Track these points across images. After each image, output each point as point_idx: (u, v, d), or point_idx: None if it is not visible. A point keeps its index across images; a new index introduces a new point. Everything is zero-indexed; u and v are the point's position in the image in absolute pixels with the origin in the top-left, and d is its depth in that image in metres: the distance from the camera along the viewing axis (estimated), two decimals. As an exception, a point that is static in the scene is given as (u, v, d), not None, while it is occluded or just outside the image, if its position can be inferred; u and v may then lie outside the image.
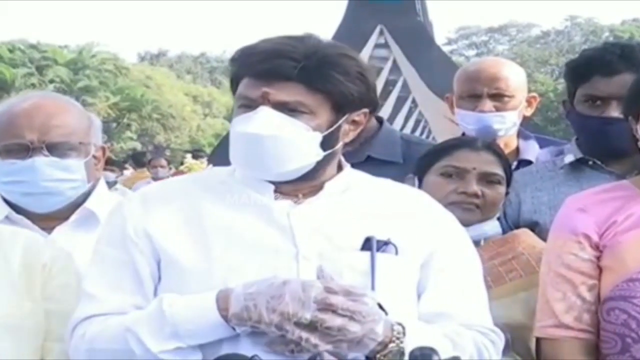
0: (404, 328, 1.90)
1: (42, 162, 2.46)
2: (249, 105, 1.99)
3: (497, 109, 3.27)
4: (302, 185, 2.05)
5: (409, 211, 2.09)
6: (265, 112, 1.96)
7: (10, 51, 41.90)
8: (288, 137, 1.97)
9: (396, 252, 1.99)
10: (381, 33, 16.87)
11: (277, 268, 1.93)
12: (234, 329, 1.86)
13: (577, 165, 3.00)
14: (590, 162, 2.97)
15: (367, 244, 1.98)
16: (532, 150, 3.39)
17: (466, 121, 3.30)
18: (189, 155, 12.87)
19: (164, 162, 12.45)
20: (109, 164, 14.09)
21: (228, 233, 1.98)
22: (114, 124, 43.59)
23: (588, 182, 2.89)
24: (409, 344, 1.87)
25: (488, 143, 2.78)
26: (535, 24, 65.03)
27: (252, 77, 1.99)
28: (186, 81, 56.70)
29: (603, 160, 2.95)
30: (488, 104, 3.26)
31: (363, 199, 2.07)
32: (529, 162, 3.30)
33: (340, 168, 2.12)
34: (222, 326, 1.87)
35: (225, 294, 1.88)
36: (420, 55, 17.40)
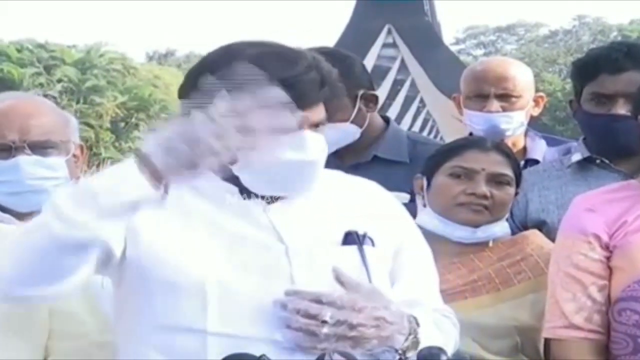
0: (416, 320, 1.92)
1: (26, 161, 2.46)
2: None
3: (504, 109, 3.26)
4: None
5: (371, 202, 2.10)
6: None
7: (19, 51, 42.02)
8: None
9: (373, 244, 2.00)
10: (389, 33, 16.91)
11: (270, 266, 1.91)
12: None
13: (584, 164, 3.00)
14: (598, 161, 2.97)
15: (348, 238, 1.98)
16: (539, 149, 3.39)
17: (473, 121, 3.30)
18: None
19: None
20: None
21: (216, 230, 1.94)
22: (122, 124, 43.70)
23: (596, 181, 2.89)
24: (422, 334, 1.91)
25: (497, 143, 2.77)
26: (543, 23, 65.12)
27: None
28: (194, 81, 56.75)
29: (610, 159, 2.95)
30: (495, 104, 3.25)
31: (328, 192, 2.06)
32: (536, 162, 3.29)
33: None
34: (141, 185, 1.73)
35: None
36: (428, 55, 17.43)
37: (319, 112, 1.97)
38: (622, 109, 2.83)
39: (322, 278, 1.89)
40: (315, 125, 1.96)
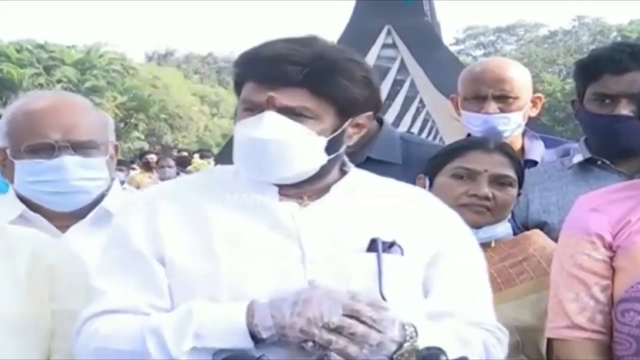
0: (415, 328, 1.90)
1: (70, 161, 2.46)
2: (253, 109, 1.99)
3: (502, 110, 3.26)
4: (306, 188, 2.04)
5: (414, 211, 2.09)
6: (270, 117, 1.96)
7: (18, 51, 42.01)
8: (293, 141, 1.97)
9: (402, 253, 1.99)
10: (389, 33, 16.92)
11: (284, 271, 1.94)
12: (258, 339, 1.85)
13: (585, 165, 3.00)
14: (599, 162, 2.97)
15: (372, 246, 1.97)
16: (537, 150, 3.39)
17: (471, 123, 3.30)
18: (196, 156, 12.89)
19: (171, 162, 12.47)
20: (118, 163, 14.15)
21: (233, 236, 1.98)
22: (122, 124, 43.67)
23: (597, 181, 2.89)
24: (421, 343, 1.88)
25: (500, 144, 2.76)
26: (542, 24, 65.15)
27: (257, 81, 1.99)
28: (194, 81, 56.84)
29: (612, 160, 2.95)
30: (493, 106, 3.25)
31: (368, 200, 2.07)
32: (535, 163, 3.29)
33: (344, 169, 2.12)
34: (243, 334, 1.85)
35: (253, 304, 1.87)
36: (427, 55, 17.42)
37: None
38: (625, 109, 2.83)
39: (335, 285, 1.89)
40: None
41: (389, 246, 1.98)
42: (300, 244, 1.97)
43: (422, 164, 2.84)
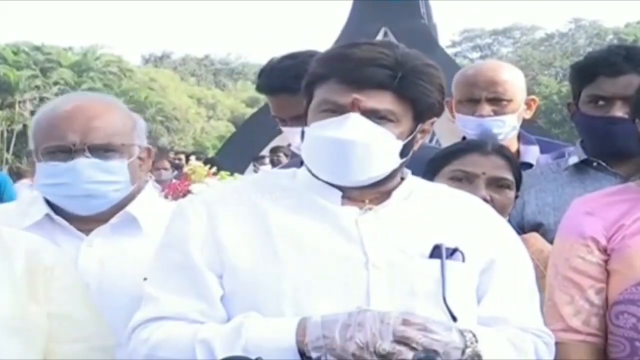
0: (473, 333, 1.91)
1: (84, 163, 2.44)
2: (335, 110, 1.98)
3: (496, 113, 3.26)
4: (369, 192, 2.05)
5: (470, 217, 2.10)
6: (356, 119, 1.96)
7: (15, 53, 42.00)
8: (377, 144, 1.97)
9: (463, 259, 2.00)
10: (385, 35, 16.88)
11: (348, 276, 1.94)
12: (308, 358, 1.85)
13: (581, 167, 3.00)
14: (595, 164, 2.97)
15: (435, 252, 1.98)
16: (532, 153, 3.39)
17: (466, 126, 3.30)
18: (193, 157, 12.88)
19: (167, 164, 12.45)
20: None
21: (296, 240, 1.97)
22: (118, 126, 43.61)
23: (592, 183, 2.90)
24: (481, 349, 1.90)
25: (498, 146, 2.76)
26: (539, 26, 65.06)
27: (342, 82, 1.98)
28: (190, 83, 56.83)
29: (608, 162, 2.95)
30: (487, 108, 3.25)
31: (427, 206, 2.08)
32: (530, 165, 3.29)
33: (402, 175, 2.13)
34: (292, 351, 1.85)
35: (304, 322, 1.87)
36: (424, 58, 17.43)
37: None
38: (619, 111, 2.84)
39: (398, 291, 1.91)
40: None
41: (452, 252, 1.99)
42: (363, 248, 1.97)
43: (418, 165, 2.84)
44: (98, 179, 2.45)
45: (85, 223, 2.49)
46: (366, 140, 1.96)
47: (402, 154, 2.02)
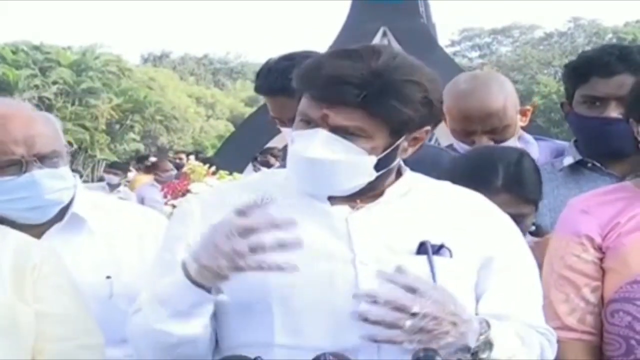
0: (487, 322, 1.93)
1: (41, 174, 2.43)
2: (308, 122, 2.00)
3: (495, 141, 3.11)
4: (358, 196, 2.05)
5: (466, 214, 2.09)
6: (322, 136, 1.97)
7: (14, 52, 41.99)
8: (343, 161, 1.97)
9: (450, 255, 2.00)
10: (384, 34, 16.86)
11: (334, 273, 1.95)
12: (200, 285, 1.90)
13: (576, 168, 2.99)
14: (590, 164, 2.96)
15: (422, 248, 1.98)
16: (532, 153, 3.35)
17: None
18: (192, 157, 12.89)
19: (169, 165, 12.51)
20: (113, 167, 14.15)
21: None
22: (117, 126, 43.64)
23: (587, 183, 2.89)
24: (494, 337, 1.92)
25: (507, 181, 2.59)
26: (538, 25, 65.00)
27: (314, 98, 1.99)
28: (189, 83, 56.78)
29: (602, 162, 2.94)
30: (484, 139, 3.11)
31: (421, 203, 2.08)
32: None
33: (399, 173, 2.12)
34: (189, 287, 1.91)
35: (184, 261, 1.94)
36: (423, 57, 17.18)
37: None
38: (613, 111, 2.82)
39: (387, 287, 1.90)
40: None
41: (438, 249, 1.99)
42: (351, 245, 1.98)
43: (418, 165, 2.82)
44: (56, 187, 2.46)
45: (32, 228, 2.46)
46: (331, 157, 1.96)
47: (379, 166, 2.01)
